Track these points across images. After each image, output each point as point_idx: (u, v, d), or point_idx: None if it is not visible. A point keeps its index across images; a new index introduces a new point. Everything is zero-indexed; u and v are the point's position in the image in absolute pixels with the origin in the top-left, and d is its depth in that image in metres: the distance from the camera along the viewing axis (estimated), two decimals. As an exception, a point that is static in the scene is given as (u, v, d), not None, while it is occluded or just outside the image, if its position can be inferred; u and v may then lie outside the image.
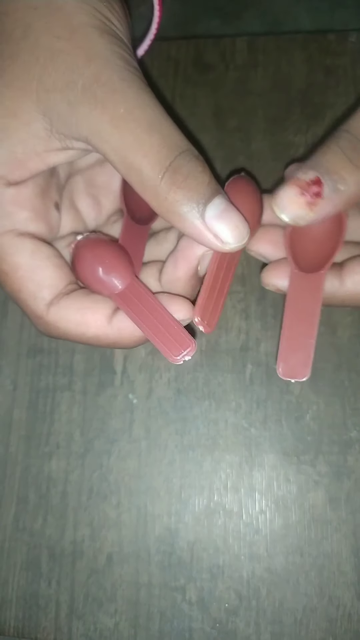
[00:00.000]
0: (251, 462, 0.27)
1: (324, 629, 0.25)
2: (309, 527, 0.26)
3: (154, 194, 0.18)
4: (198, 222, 0.18)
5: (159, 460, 0.27)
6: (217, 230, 0.18)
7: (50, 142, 0.20)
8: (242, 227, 0.19)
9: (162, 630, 0.26)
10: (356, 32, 0.31)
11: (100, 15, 0.20)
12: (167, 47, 0.32)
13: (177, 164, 0.18)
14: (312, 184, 0.18)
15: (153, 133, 0.18)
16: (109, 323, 0.21)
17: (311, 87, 0.31)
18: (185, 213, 0.18)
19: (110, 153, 0.18)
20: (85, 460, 0.28)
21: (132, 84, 0.19)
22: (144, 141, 0.18)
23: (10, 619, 0.27)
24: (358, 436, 0.27)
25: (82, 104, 0.18)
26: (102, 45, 0.19)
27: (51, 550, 0.27)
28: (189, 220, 0.18)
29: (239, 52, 0.32)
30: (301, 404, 0.27)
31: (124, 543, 0.27)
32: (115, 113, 0.18)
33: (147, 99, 0.19)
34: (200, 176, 0.18)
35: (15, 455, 0.28)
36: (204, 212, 0.18)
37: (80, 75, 0.18)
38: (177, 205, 0.18)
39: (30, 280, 0.21)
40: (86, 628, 0.26)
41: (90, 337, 0.21)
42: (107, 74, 0.18)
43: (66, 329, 0.21)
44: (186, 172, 0.18)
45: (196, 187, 0.18)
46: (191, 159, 0.18)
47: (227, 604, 0.26)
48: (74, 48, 0.19)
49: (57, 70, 0.19)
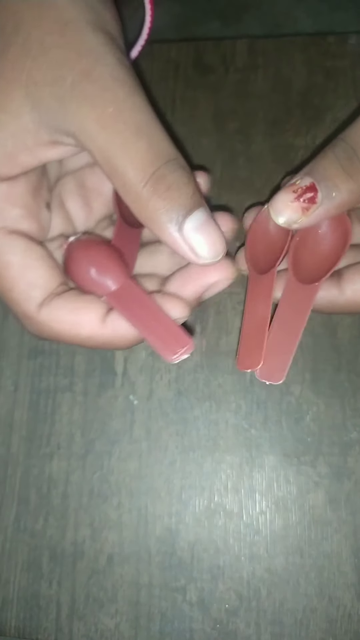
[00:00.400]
0: (251, 463, 0.27)
1: (324, 629, 0.25)
2: (309, 528, 0.26)
3: (135, 198, 0.18)
4: (175, 233, 0.18)
5: (159, 461, 0.28)
6: (194, 243, 0.18)
7: (39, 135, 0.19)
8: (218, 244, 0.19)
9: (162, 631, 0.26)
10: (356, 35, 0.32)
11: (93, 10, 0.20)
12: (167, 49, 0.32)
13: (161, 172, 0.18)
14: (307, 190, 0.19)
15: (141, 137, 0.18)
16: (102, 323, 0.20)
17: (311, 90, 0.31)
18: (164, 222, 0.18)
19: (95, 152, 0.18)
20: (86, 461, 0.28)
21: (124, 83, 0.18)
22: (130, 145, 0.18)
23: (11, 619, 0.27)
24: (358, 437, 0.27)
25: (70, 100, 0.18)
26: (95, 40, 0.19)
27: (52, 551, 0.27)
28: (167, 230, 0.18)
29: (239, 54, 0.32)
30: (301, 405, 0.27)
31: (125, 544, 0.27)
32: (103, 112, 0.18)
33: (139, 101, 0.18)
34: (183, 187, 0.18)
35: (16, 456, 0.28)
36: (182, 223, 0.18)
37: (70, 70, 0.18)
38: (156, 213, 0.18)
39: (21, 280, 0.20)
40: (87, 629, 0.26)
41: (84, 337, 0.21)
42: (98, 70, 0.18)
43: (59, 330, 0.21)
44: (170, 181, 0.18)
45: (178, 198, 0.18)
46: (177, 169, 0.18)
47: (227, 605, 0.26)
48: (65, 43, 0.19)
49: (48, 64, 0.18)
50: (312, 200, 0.19)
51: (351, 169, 0.19)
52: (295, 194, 0.19)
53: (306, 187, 0.19)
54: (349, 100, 0.30)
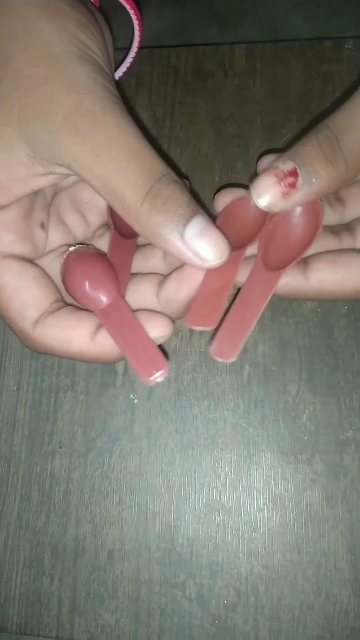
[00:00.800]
0: (249, 461, 0.28)
1: (321, 625, 0.26)
2: (306, 525, 0.27)
3: (135, 218, 0.19)
4: (179, 242, 0.19)
5: (159, 459, 0.28)
6: (197, 248, 0.19)
7: (34, 168, 0.20)
8: (221, 244, 0.19)
9: (162, 627, 0.26)
10: (352, 39, 0.32)
11: (79, 42, 0.20)
12: (166, 54, 0.33)
13: (156, 188, 0.19)
14: (288, 174, 0.19)
15: (133, 160, 0.19)
16: (91, 340, 0.21)
17: (308, 94, 0.31)
18: (166, 234, 0.19)
19: (92, 180, 0.19)
20: (87, 458, 0.28)
21: (112, 113, 0.19)
22: (124, 169, 0.19)
23: (13, 615, 0.27)
24: (354, 435, 0.27)
25: (63, 133, 0.19)
26: (83, 73, 0.19)
27: (54, 548, 0.28)
28: (170, 241, 0.19)
29: (238, 59, 0.32)
30: (298, 404, 0.28)
31: (125, 540, 0.27)
32: (95, 142, 0.19)
33: (127, 127, 0.19)
34: (179, 198, 0.19)
35: (19, 454, 0.29)
36: (183, 232, 0.19)
37: (60, 105, 0.19)
38: (158, 227, 0.19)
39: (16, 300, 0.22)
40: (88, 624, 0.27)
41: (74, 353, 0.22)
42: (87, 103, 0.19)
43: (52, 346, 0.22)
44: (165, 195, 0.19)
45: (175, 209, 0.19)
46: (169, 183, 0.19)
47: (225, 601, 0.26)
48: (54, 77, 0.19)
49: (38, 99, 0.19)
50: (293, 185, 0.19)
51: (332, 155, 0.19)
52: (277, 178, 0.19)
53: (288, 172, 0.19)
54: (345, 105, 0.31)
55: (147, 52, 0.33)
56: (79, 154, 0.19)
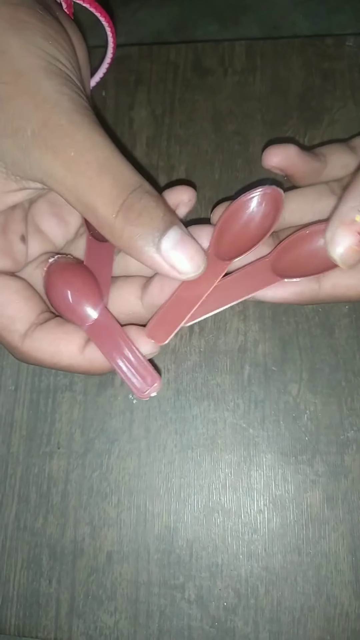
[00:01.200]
0: (249, 462, 0.27)
1: (321, 627, 0.26)
2: (307, 526, 0.26)
3: (110, 231, 0.19)
4: (155, 255, 0.19)
5: (158, 460, 0.28)
6: (174, 260, 0.19)
7: (7, 184, 0.20)
8: (197, 257, 0.19)
9: (161, 629, 0.26)
10: (353, 37, 0.32)
11: (47, 55, 0.20)
12: (166, 51, 0.33)
13: (129, 202, 0.18)
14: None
15: (104, 174, 0.18)
16: (81, 353, 0.22)
17: (309, 91, 0.31)
18: (142, 247, 0.19)
19: (65, 194, 0.19)
20: (85, 459, 0.28)
21: (81, 127, 0.19)
22: (95, 183, 0.18)
23: (11, 617, 0.27)
24: (355, 436, 0.27)
25: (33, 149, 0.19)
26: (50, 87, 0.19)
27: (52, 549, 0.27)
28: (145, 253, 0.19)
29: (238, 56, 0.32)
30: (299, 404, 0.28)
31: (124, 542, 0.27)
32: (66, 157, 0.18)
33: (97, 140, 0.19)
34: (153, 211, 0.19)
35: (17, 455, 0.28)
36: (159, 244, 0.19)
37: (28, 122, 0.19)
38: (133, 240, 0.19)
39: (2, 316, 0.21)
40: (86, 626, 0.27)
41: (64, 366, 0.22)
42: (54, 118, 0.19)
43: (41, 359, 0.22)
44: (139, 208, 0.18)
45: (150, 222, 0.18)
46: (143, 196, 0.19)
47: (225, 603, 0.26)
48: (20, 93, 0.19)
49: (6, 116, 0.19)
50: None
51: None
52: (359, 236, 0.19)
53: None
54: (347, 102, 0.31)
55: (147, 49, 0.33)
56: (51, 169, 0.19)
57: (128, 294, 0.23)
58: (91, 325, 0.22)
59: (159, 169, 0.31)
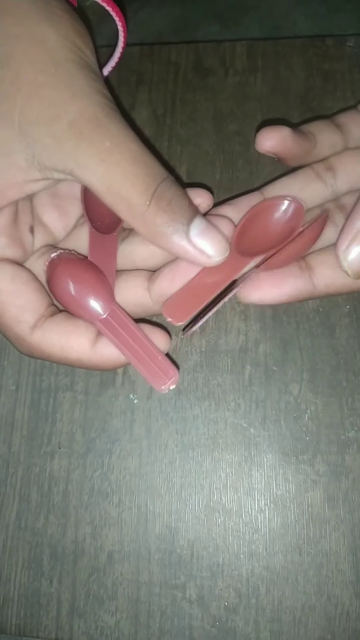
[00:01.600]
0: (250, 462, 0.27)
1: (322, 627, 0.26)
2: (308, 526, 0.27)
3: (142, 219, 0.19)
4: (184, 241, 0.20)
5: (159, 460, 0.28)
6: (202, 246, 0.20)
7: (31, 173, 0.20)
8: (223, 242, 0.20)
9: (162, 628, 0.26)
10: (354, 37, 0.32)
11: (77, 49, 0.20)
12: (167, 51, 0.33)
13: (160, 190, 0.19)
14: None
15: (137, 165, 0.19)
16: (91, 348, 0.22)
17: (309, 92, 0.31)
18: (172, 234, 0.19)
19: (97, 184, 0.19)
20: (86, 459, 0.28)
21: (114, 120, 0.20)
22: (130, 172, 0.19)
23: (12, 617, 0.27)
24: (356, 436, 0.27)
25: (68, 139, 0.19)
26: (84, 81, 0.20)
27: (53, 549, 0.27)
28: (175, 241, 0.20)
29: (239, 57, 0.32)
30: (300, 404, 0.28)
31: (125, 541, 0.27)
32: (101, 147, 0.19)
33: (129, 134, 0.20)
34: (181, 200, 0.20)
35: (18, 455, 0.28)
36: (188, 231, 0.20)
37: (66, 111, 0.19)
38: (164, 227, 0.19)
39: (12, 305, 0.21)
40: (87, 626, 0.27)
41: (73, 360, 0.22)
42: (91, 110, 0.19)
43: (50, 352, 0.22)
44: (169, 197, 0.19)
45: (179, 210, 0.19)
46: (172, 186, 0.20)
47: (226, 602, 0.26)
48: (58, 83, 0.19)
49: (42, 103, 0.19)
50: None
51: None
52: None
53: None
54: (347, 103, 0.31)
55: (148, 49, 0.33)
56: (85, 158, 0.19)
57: (135, 286, 0.23)
58: (103, 320, 0.22)
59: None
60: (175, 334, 0.29)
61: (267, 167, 0.30)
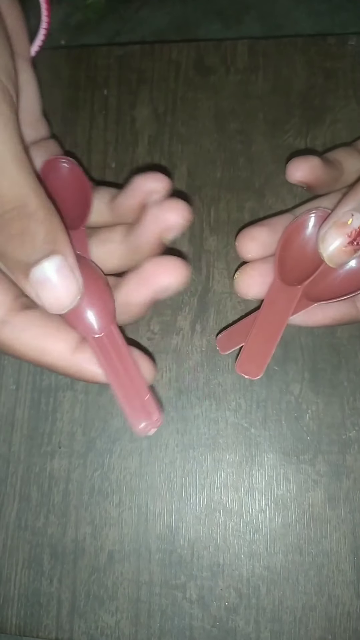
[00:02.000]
0: (251, 462, 0.27)
1: (323, 627, 0.26)
2: (308, 526, 0.26)
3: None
4: (23, 281, 0.17)
5: (160, 459, 0.28)
6: (39, 294, 0.17)
7: None
8: (63, 297, 0.18)
9: (162, 628, 0.26)
10: (356, 36, 0.32)
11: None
12: (168, 50, 0.32)
13: (9, 217, 0.17)
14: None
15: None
16: (71, 355, 0.19)
17: (311, 90, 0.31)
18: (13, 268, 0.17)
19: None
20: (87, 459, 0.28)
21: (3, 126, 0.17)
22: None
23: (12, 617, 0.27)
24: (357, 436, 0.27)
25: None
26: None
27: (53, 549, 0.27)
28: (16, 276, 0.18)
29: (240, 55, 0.32)
30: (301, 404, 0.28)
31: (125, 541, 0.27)
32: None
33: (14, 145, 0.17)
34: (33, 235, 0.17)
35: (18, 454, 0.28)
36: (29, 272, 0.17)
37: None
38: (6, 258, 0.17)
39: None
40: (87, 626, 0.27)
41: (46, 364, 0.20)
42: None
43: (20, 352, 0.19)
44: (18, 229, 0.17)
45: (25, 244, 0.17)
46: (23, 217, 0.17)
47: (227, 602, 0.26)
48: None
49: None
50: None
51: None
52: (349, 238, 0.20)
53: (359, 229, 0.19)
54: (349, 102, 0.31)
55: (149, 47, 0.33)
56: None
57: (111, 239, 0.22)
58: (98, 338, 0.19)
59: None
60: (175, 333, 0.29)
61: (268, 165, 0.30)
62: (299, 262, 0.22)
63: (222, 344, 0.24)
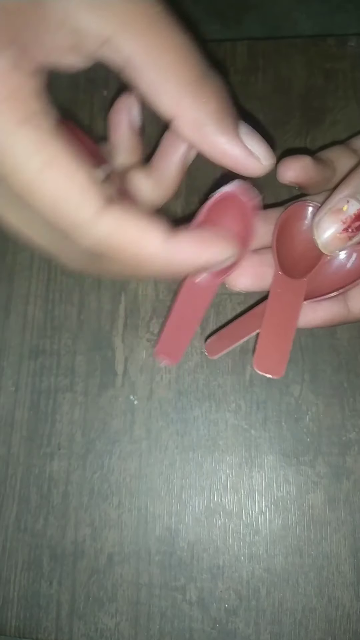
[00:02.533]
0: (251, 463, 0.27)
1: (323, 629, 0.26)
2: (308, 527, 0.26)
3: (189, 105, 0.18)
4: (234, 140, 0.18)
5: (159, 461, 0.28)
6: (251, 147, 0.18)
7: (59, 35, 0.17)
8: (268, 145, 0.19)
9: (162, 631, 0.26)
10: (355, 37, 0.32)
11: None
12: (168, 51, 0.32)
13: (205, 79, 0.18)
14: (355, 219, 0.19)
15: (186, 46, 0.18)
16: (165, 243, 0.18)
17: (311, 91, 0.31)
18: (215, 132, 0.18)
19: (140, 54, 0.17)
20: (86, 460, 0.28)
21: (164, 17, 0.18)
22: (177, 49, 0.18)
23: (12, 618, 0.27)
24: (357, 437, 0.27)
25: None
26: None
27: (52, 551, 0.27)
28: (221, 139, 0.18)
29: (240, 56, 0.32)
30: (301, 405, 0.28)
31: (125, 543, 0.27)
32: (147, 14, 0.17)
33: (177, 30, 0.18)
34: (226, 96, 0.18)
35: (17, 456, 0.28)
36: (238, 130, 0.18)
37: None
38: (208, 119, 0.18)
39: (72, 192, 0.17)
40: (87, 628, 0.27)
41: (145, 256, 0.18)
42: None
43: (118, 245, 0.17)
44: (214, 89, 0.18)
45: (226, 104, 0.18)
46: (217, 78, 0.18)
47: (227, 604, 0.26)
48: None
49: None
50: (359, 229, 0.19)
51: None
52: (344, 225, 0.19)
53: (354, 216, 0.19)
54: (349, 102, 0.31)
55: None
56: (128, 23, 0.17)
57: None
58: (198, 281, 0.22)
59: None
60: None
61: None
62: (297, 252, 0.22)
63: (210, 347, 0.25)
